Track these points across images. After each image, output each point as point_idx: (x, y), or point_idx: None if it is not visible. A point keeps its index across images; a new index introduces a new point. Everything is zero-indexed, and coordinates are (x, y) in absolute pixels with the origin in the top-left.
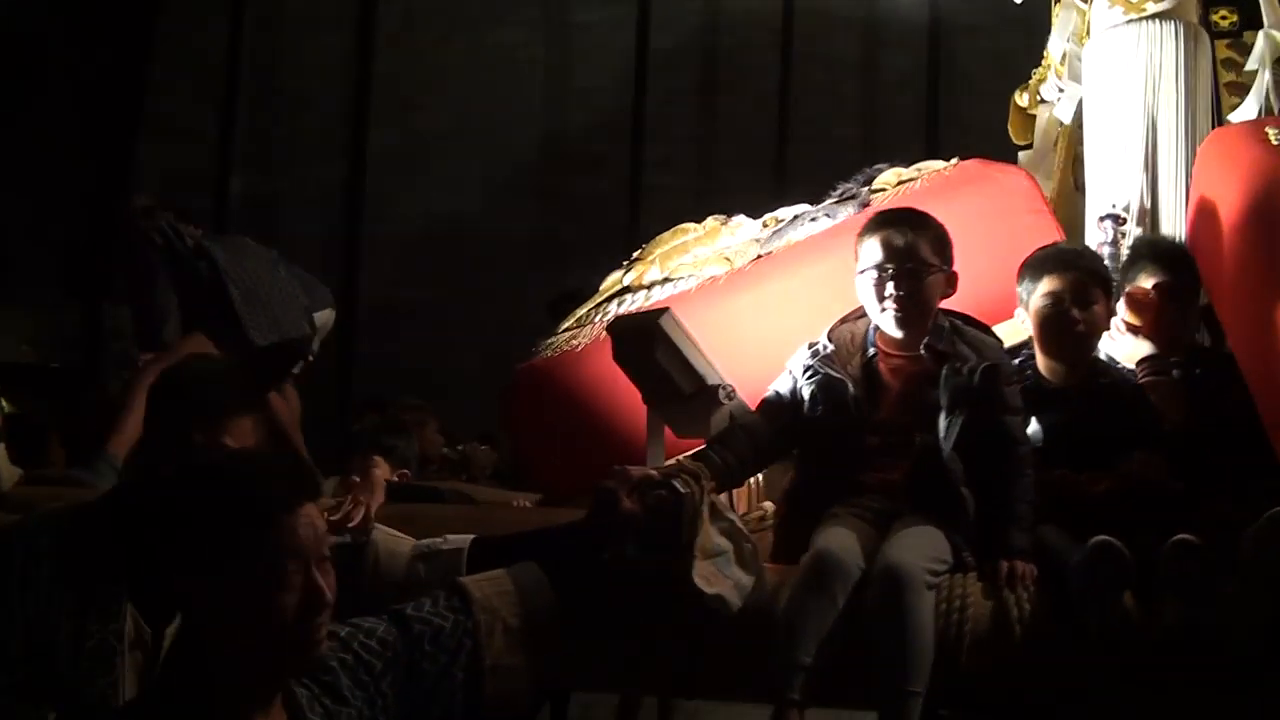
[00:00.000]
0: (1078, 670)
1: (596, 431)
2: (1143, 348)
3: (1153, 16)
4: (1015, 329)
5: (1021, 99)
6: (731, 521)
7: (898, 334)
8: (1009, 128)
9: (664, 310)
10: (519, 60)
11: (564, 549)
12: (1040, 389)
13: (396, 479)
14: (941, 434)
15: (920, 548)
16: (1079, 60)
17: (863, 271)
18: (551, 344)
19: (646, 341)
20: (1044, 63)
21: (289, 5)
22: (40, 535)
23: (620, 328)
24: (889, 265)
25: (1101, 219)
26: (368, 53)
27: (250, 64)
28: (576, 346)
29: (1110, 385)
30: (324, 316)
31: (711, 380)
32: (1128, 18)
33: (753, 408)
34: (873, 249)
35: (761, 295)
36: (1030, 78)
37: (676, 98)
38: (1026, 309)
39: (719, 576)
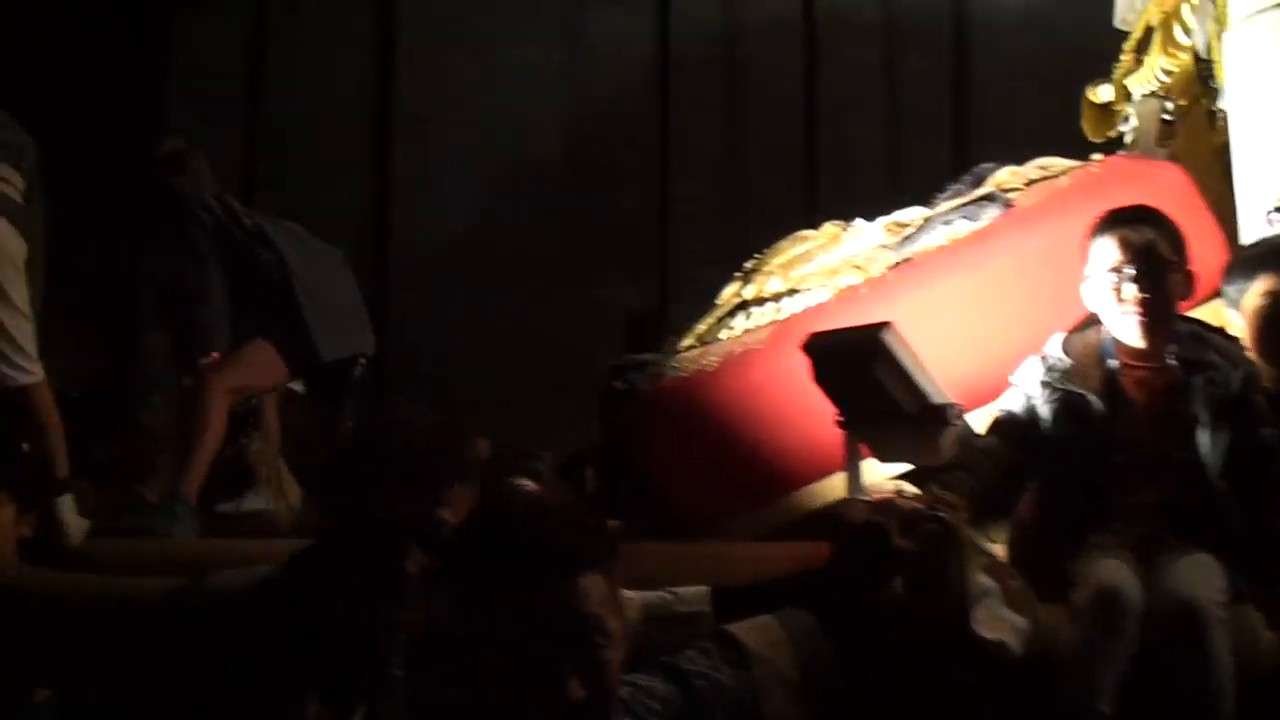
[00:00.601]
0: None
1: (736, 455)
2: None
3: None
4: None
5: (1097, 94)
6: (992, 556)
7: (1140, 343)
8: (1083, 124)
9: (884, 324)
10: (538, 74)
11: (830, 593)
12: None
13: None
14: (1205, 451)
15: (1208, 580)
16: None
17: (1096, 275)
18: (676, 364)
19: (864, 358)
20: (1124, 55)
21: (306, 27)
22: (215, 610)
23: (823, 345)
24: (1128, 266)
25: (1270, 213)
26: (387, 72)
27: (270, 86)
28: (709, 366)
29: None
30: None
31: (938, 399)
32: (1275, 1)
33: None
34: (1108, 249)
35: (913, 303)
36: (1113, 71)
37: (699, 107)
38: (1237, 308)
39: (995, 619)
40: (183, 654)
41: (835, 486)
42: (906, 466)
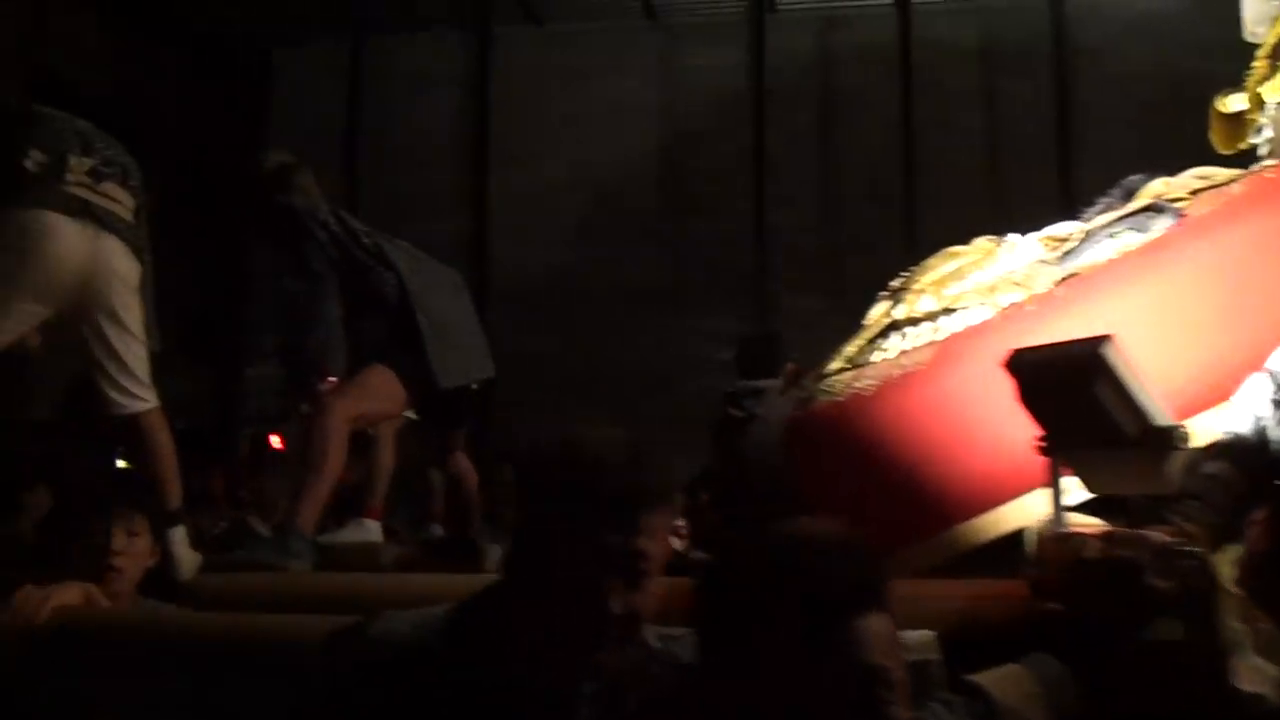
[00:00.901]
0: None
1: (896, 483)
2: None
3: None
4: None
5: (1227, 104)
6: (1240, 597)
7: None
8: (1211, 136)
9: (1104, 338)
10: (633, 107)
11: (1079, 637)
12: None
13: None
14: None
15: None
16: None
17: None
18: (827, 388)
19: (1082, 376)
20: (1257, 62)
21: (402, 64)
22: (385, 656)
23: (1032, 362)
24: None
25: None
26: (483, 107)
27: (367, 124)
28: (866, 389)
29: None
30: None
31: (1163, 421)
32: None
33: None
34: None
35: (1087, 318)
36: (1245, 79)
37: (795, 136)
38: None
39: (1251, 669)
40: (347, 707)
41: (1006, 519)
42: (1086, 495)
